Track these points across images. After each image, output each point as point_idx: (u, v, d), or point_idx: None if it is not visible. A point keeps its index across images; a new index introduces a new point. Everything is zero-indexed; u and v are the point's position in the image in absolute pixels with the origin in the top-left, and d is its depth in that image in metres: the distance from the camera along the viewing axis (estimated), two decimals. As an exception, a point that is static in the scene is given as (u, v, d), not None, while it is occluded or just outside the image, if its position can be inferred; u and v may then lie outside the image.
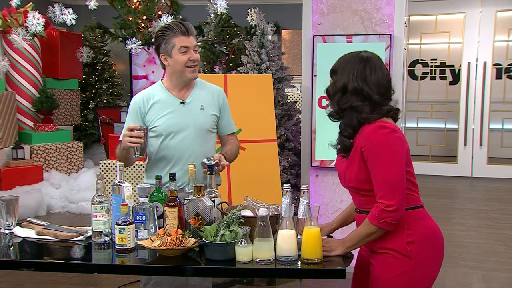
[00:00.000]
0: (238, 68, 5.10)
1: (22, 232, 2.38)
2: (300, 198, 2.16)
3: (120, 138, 2.54)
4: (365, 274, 2.16)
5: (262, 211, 1.98)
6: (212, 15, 6.82)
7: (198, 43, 3.74)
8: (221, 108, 2.74)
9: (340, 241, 2.08)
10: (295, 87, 8.15)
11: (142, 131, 2.45)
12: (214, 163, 2.40)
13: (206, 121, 2.67)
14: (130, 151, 2.50)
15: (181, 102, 2.65)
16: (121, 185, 2.29)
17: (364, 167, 1.98)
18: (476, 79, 7.85)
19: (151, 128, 2.62)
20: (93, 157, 7.95)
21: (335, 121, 2.10)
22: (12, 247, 2.29)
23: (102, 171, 5.93)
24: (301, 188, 2.17)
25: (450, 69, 8.18)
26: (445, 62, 8.19)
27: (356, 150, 2.01)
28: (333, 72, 2.08)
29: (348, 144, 2.02)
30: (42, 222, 2.48)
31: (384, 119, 2.02)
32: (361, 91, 1.98)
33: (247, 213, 2.15)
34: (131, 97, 8.78)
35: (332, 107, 2.07)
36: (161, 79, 2.74)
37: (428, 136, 8.35)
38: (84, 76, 8.29)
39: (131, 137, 2.44)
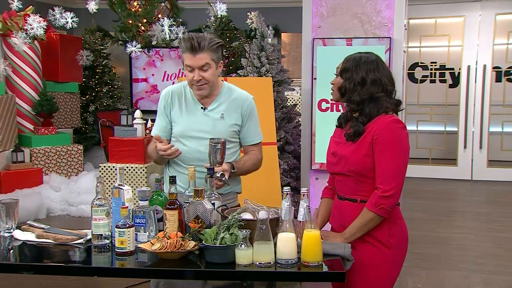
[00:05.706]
0: (238, 71, 5.10)
1: (22, 235, 2.38)
2: (300, 201, 2.17)
3: (152, 134, 2.60)
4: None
5: (262, 214, 1.99)
6: (212, 18, 6.84)
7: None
8: (244, 117, 2.64)
9: (339, 234, 2.20)
10: (295, 90, 8.14)
11: (220, 144, 2.43)
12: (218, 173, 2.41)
13: (224, 130, 2.57)
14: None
15: (202, 108, 2.60)
16: (121, 188, 2.29)
17: (372, 154, 2.13)
18: (475, 82, 7.86)
19: (171, 127, 2.63)
20: (93, 160, 7.94)
21: (355, 111, 2.23)
22: (12, 250, 2.29)
23: (102, 174, 5.93)
24: (301, 191, 2.19)
25: (449, 72, 8.19)
26: (444, 65, 8.20)
27: (367, 136, 2.15)
28: (344, 71, 2.23)
29: (362, 130, 2.17)
30: (42, 225, 2.48)
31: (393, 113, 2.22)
32: (380, 81, 2.19)
33: (247, 216, 2.15)
34: (131, 100, 8.89)
35: (352, 98, 2.20)
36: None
37: (428, 139, 8.34)
38: (84, 79, 8.28)
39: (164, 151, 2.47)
